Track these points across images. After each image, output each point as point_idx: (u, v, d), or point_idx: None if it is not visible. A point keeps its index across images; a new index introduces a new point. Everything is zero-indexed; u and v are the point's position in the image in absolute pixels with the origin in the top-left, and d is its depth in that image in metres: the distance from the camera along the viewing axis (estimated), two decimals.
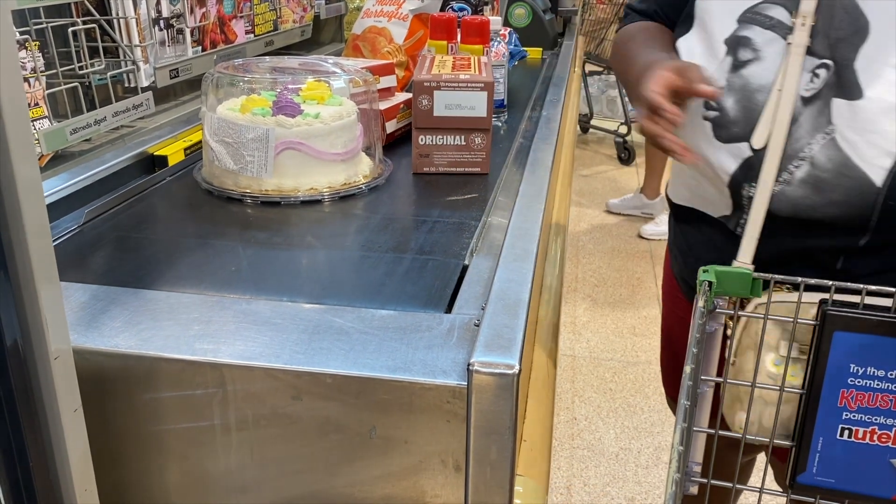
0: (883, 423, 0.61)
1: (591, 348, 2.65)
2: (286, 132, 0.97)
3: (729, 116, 0.81)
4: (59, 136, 1.04)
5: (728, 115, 0.81)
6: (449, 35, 1.39)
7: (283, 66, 1.16)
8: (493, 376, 0.58)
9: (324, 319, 0.68)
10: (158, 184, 1.09)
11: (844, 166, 0.74)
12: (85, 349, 0.64)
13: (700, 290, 0.61)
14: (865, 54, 0.74)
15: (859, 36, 0.74)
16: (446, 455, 0.62)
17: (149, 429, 0.65)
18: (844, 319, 0.60)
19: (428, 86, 1.09)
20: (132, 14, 1.21)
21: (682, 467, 0.50)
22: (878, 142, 0.72)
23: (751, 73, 0.80)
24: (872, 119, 0.72)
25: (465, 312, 0.71)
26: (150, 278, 0.78)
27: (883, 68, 0.73)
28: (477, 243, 0.88)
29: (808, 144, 0.76)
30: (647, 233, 3.61)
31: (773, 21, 0.79)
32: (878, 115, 0.72)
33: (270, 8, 1.72)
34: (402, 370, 0.61)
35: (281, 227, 0.93)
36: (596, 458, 2.10)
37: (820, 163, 0.75)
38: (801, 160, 0.76)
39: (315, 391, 0.62)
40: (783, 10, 0.79)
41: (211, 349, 0.64)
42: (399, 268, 0.81)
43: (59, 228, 0.90)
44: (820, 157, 0.75)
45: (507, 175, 1.13)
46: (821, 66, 0.76)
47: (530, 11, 2.26)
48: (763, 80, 0.79)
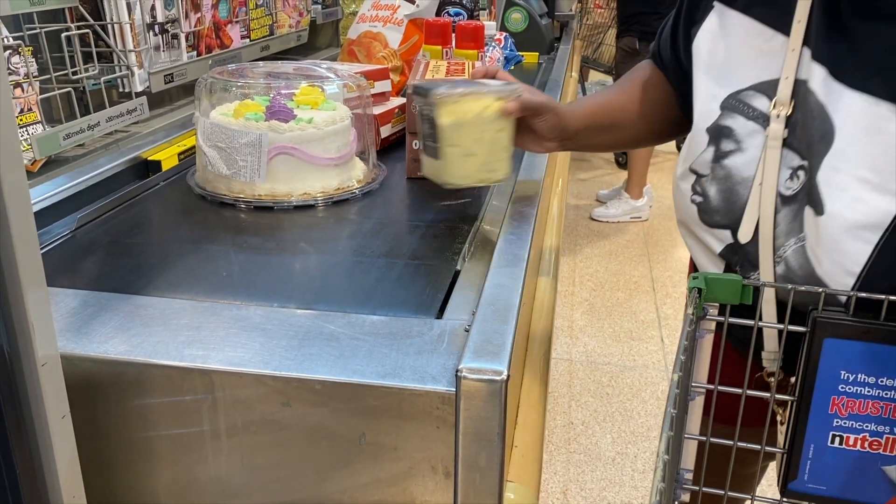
0: (874, 429, 0.61)
1: (588, 352, 2.65)
2: (279, 137, 0.97)
3: (712, 205, 0.81)
4: (53, 141, 1.04)
5: (711, 203, 0.81)
6: (443, 40, 1.39)
7: (277, 71, 1.16)
8: (482, 382, 0.58)
9: (314, 325, 0.68)
10: (152, 189, 1.09)
11: (812, 277, 0.71)
12: (74, 355, 0.63)
13: (690, 296, 0.61)
14: (829, 164, 0.70)
15: (825, 143, 0.70)
16: (436, 461, 0.62)
17: (138, 435, 0.65)
18: (834, 326, 0.60)
19: None
20: (126, 19, 1.22)
21: (669, 477, 0.50)
22: (840, 260, 0.68)
23: (733, 164, 0.78)
24: (834, 237, 0.68)
25: (457, 318, 0.71)
26: (142, 284, 0.78)
27: (846, 181, 0.68)
28: (469, 249, 0.88)
29: (784, 245, 0.74)
30: (598, 215, 3.80)
31: (756, 112, 0.77)
32: (839, 234, 0.68)
33: (266, 13, 1.72)
34: (391, 376, 0.61)
35: (274, 232, 0.93)
36: (592, 463, 2.10)
37: (793, 267, 0.74)
38: (780, 258, 0.75)
39: (305, 397, 0.62)
40: (766, 99, 0.76)
41: (201, 355, 0.63)
42: (391, 273, 0.81)
43: (52, 233, 0.90)
44: (792, 261, 0.74)
45: None
46: (800, 168, 0.73)
47: (527, 16, 2.26)
48: (745, 172, 0.77)
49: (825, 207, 0.69)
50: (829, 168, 0.69)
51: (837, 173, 0.68)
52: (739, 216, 0.77)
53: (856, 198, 0.67)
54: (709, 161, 0.80)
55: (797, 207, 0.72)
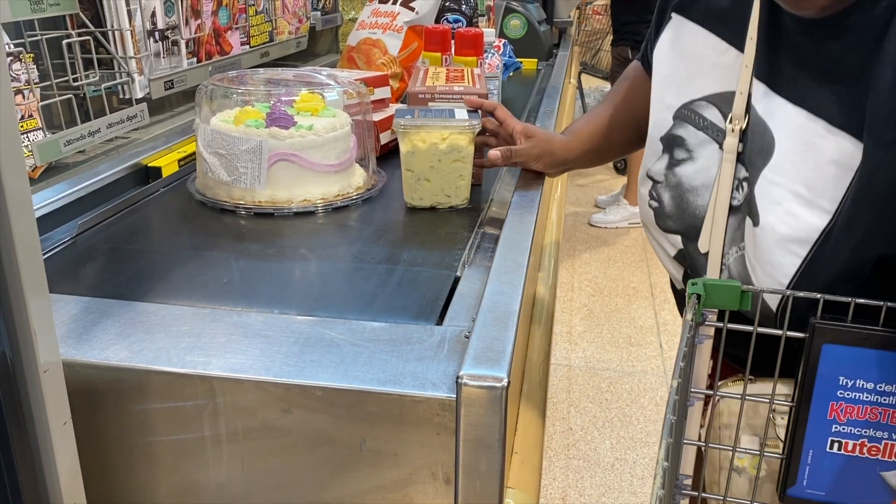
0: (872, 435, 0.61)
1: (587, 358, 2.65)
2: (279, 144, 0.98)
3: (666, 210, 0.84)
4: (53, 148, 1.04)
5: (665, 209, 0.84)
6: (443, 47, 1.40)
7: (278, 78, 1.16)
8: (483, 389, 0.58)
9: (315, 332, 0.69)
10: (152, 195, 1.09)
11: (750, 284, 0.72)
12: (76, 362, 0.64)
13: (689, 302, 0.61)
14: (766, 177, 0.71)
15: (764, 156, 0.72)
16: (436, 468, 0.62)
17: (139, 441, 0.65)
18: (833, 332, 0.60)
19: (422, 97, 1.10)
20: (127, 26, 1.22)
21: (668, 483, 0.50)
22: (771, 272, 0.70)
23: (684, 172, 0.81)
24: (767, 248, 0.70)
25: (457, 324, 0.71)
26: (143, 290, 0.78)
27: (781, 195, 0.70)
28: (469, 255, 0.88)
29: (727, 254, 0.76)
30: (596, 221, 3.82)
31: (707, 122, 0.79)
32: (771, 245, 0.70)
33: (266, 19, 1.73)
34: (392, 383, 0.61)
35: (274, 238, 0.93)
36: (591, 469, 2.10)
37: (734, 274, 0.76)
38: (724, 265, 0.77)
39: (305, 404, 0.62)
40: (717, 111, 0.78)
41: (201, 362, 0.64)
42: (391, 279, 0.81)
43: (53, 240, 0.90)
44: (734, 269, 0.76)
45: (500, 186, 1.13)
46: (745, 179, 0.75)
47: (525, 22, 2.27)
48: (696, 181, 0.80)
49: (760, 219, 0.71)
50: (766, 181, 0.71)
51: (773, 186, 0.70)
52: (690, 223, 0.80)
53: (788, 212, 0.69)
54: (663, 169, 0.83)
55: (740, 218, 0.74)
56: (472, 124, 0.99)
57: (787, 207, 0.69)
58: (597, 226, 3.80)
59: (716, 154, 0.77)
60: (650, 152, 0.86)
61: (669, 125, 0.83)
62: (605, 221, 3.80)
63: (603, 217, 3.81)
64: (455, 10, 1.89)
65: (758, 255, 0.72)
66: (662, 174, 0.83)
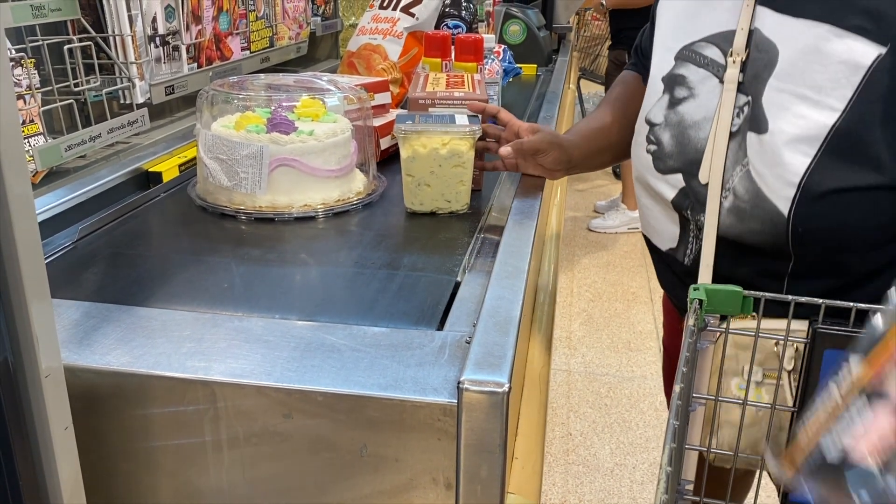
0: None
1: (587, 363, 2.65)
2: (280, 149, 0.98)
3: (665, 150, 0.86)
4: (54, 153, 1.05)
5: (665, 149, 0.86)
6: (443, 52, 1.40)
7: (278, 84, 1.17)
8: (484, 394, 0.58)
9: (316, 337, 0.69)
10: (153, 200, 1.09)
11: (757, 197, 0.77)
12: (77, 366, 0.64)
13: (690, 308, 0.62)
14: (773, 86, 0.76)
15: (769, 69, 0.77)
16: (437, 473, 0.62)
17: (140, 446, 0.65)
18: (834, 338, 0.60)
19: (423, 103, 1.10)
20: (128, 31, 1.22)
21: (671, 488, 0.50)
22: (782, 173, 0.74)
23: (686, 109, 0.84)
24: (776, 151, 0.74)
25: (457, 329, 0.71)
26: (144, 295, 0.78)
27: (789, 100, 0.74)
28: (469, 260, 0.88)
29: (731, 176, 0.80)
30: (595, 226, 3.83)
31: (707, 59, 0.83)
32: (780, 148, 0.74)
33: (266, 25, 1.73)
34: (393, 388, 0.61)
35: (274, 243, 0.93)
36: (591, 474, 2.09)
37: (740, 193, 0.79)
38: (727, 191, 0.80)
39: (306, 409, 0.62)
40: (717, 49, 0.82)
41: (202, 367, 0.64)
42: (392, 284, 0.81)
43: (53, 245, 0.91)
44: (739, 188, 0.79)
45: (500, 191, 1.13)
46: (745, 105, 0.79)
47: (525, 28, 2.27)
48: (697, 116, 0.83)
49: (769, 125, 0.76)
50: (773, 90, 0.76)
51: (780, 93, 0.75)
52: (691, 159, 0.83)
53: (796, 114, 0.74)
54: (663, 109, 0.87)
55: (740, 139, 0.79)
56: (473, 130, 0.99)
57: (795, 110, 0.74)
58: (596, 231, 3.81)
59: (716, 88, 0.81)
60: (649, 97, 0.89)
61: (671, 66, 0.86)
62: (605, 227, 3.80)
63: (602, 222, 3.82)
64: (455, 15, 1.89)
65: (766, 162, 0.75)
66: (662, 116, 0.87)
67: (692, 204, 0.84)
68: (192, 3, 1.39)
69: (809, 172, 0.73)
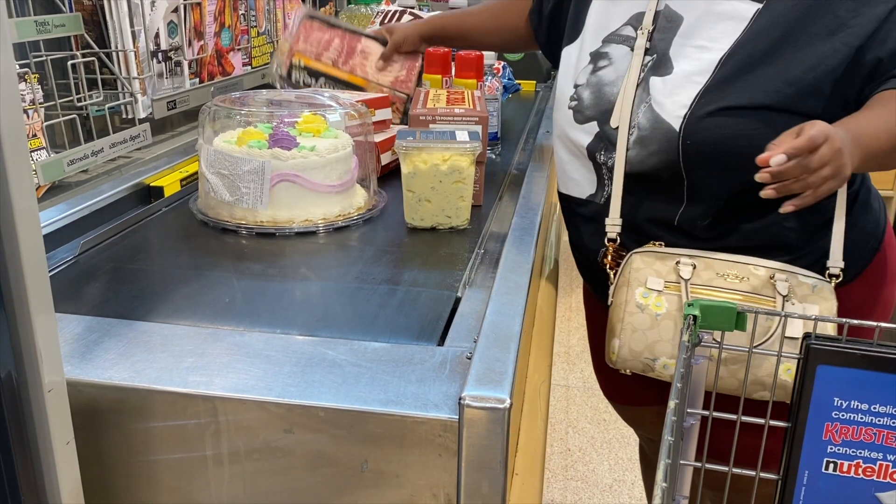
0: (867, 456, 0.62)
1: (585, 378, 2.65)
2: (282, 164, 0.99)
3: (584, 104, 1.06)
4: (57, 167, 1.05)
5: (584, 103, 1.06)
6: (444, 69, 1.41)
7: (280, 99, 1.18)
8: (485, 410, 0.58)
9: (317, 352, 0.69)
10: (154, 215, 1.10)
11: (656, 121, 0.96)
12: (78, 381, 0.64)
13: (685, 324, 0.62)
14: (676, 42, 0.98)
15: (673, 30, 0.99)
16: (438, 489, 0.62)
17: (141, 461, 0.66)
18: (828, 353, 0.60)
19: (423, 119, 1.11)
20: (131, 47, 1.23)
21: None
22: (678, 99, 0.95)
23: (603, 73, 1.05)
24: (677, 84, 0.96)
25: (458, 345, 0.71)
26: (145, 309, 0.78)
27: (689, 50, 0.97)
28: (470, 275, 0.88)
29: (636, 114, 0.99)
30: None
31: (624, 37, 1.05)
32: (681, 81, 0.96)
33: (268, 41, 1.75)
34: (393, 403, 0.61)
35: (275, 258, 0.94)
36: (590, 490, 2.09)
37: (642, 125, 0.98)
38: (633, 128, 0.99)
39: (307, 424, 0.62)
40: (632, 28, 1.04)
41: (203, 381, 0.64)
42: (392, 300, 0.82)
43: (55, 259, 0.91)
44: (643, 120, 0.98)
45: (501, 206, 1.14)
46: (650, 61, 1.00)
47: None
48: (611, 76, 1.04)
49: (674, 69, 0.97)
50: (677, 45, 0.98)
51: (683, 47, 0.98)
52: (605, 109, 1.03)
53: (694, 58, 0.96)
54: (587, 74, 1.07)
55: (644, 85, 0.99)
56: (474, 146, 1.00)
57: (695, 56, 0.96)
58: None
59: (627, 55, 1.03)
60: (578, 65, 1.09)
61: (598, 46, 1.08)
62: None
63: None
64: None
65: (666, 94, 0.97)
66: (585, 78, 1.07)
67: (605, 146, 1.03)
68: (194, 19, 1.40)
69: (699, 95, 0.94)
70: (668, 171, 0.97)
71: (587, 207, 1.10)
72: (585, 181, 1.09)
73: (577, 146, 1.08)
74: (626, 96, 0.99)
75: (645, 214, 1.03)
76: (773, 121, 0.90)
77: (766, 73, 0.92)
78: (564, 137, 1.10)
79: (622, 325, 0.97)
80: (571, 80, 1.10)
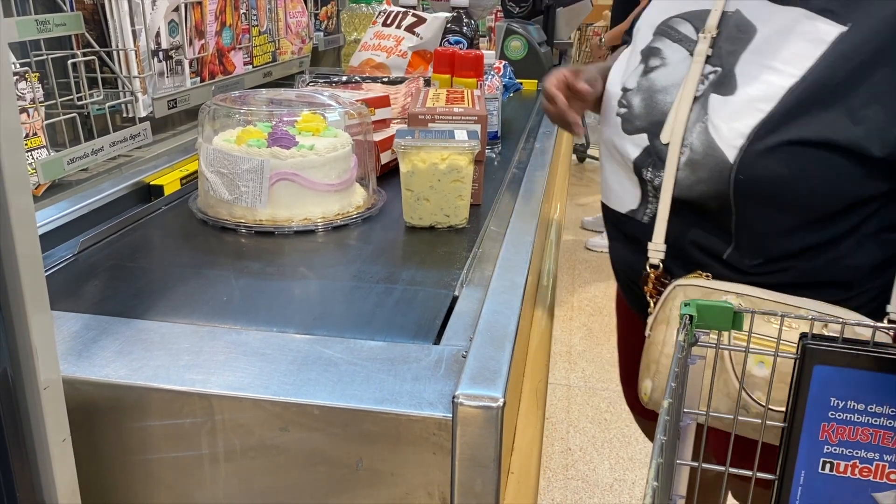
0: (864, 456, 0.62)
1: (587, 378, 2.65)
2: (281, 163, 0.99)
3: (634, 112, 0.96)
4: (57, 166, 1.06)
5: (634, 111, 0.96)
6: (452, 68, 1.42)
7: (280, 98, 1.18)
8: (478, 409, 0.58)
9: (313, 350, 0.69)
10: (154, 213, 1.10)
11: (710, 147, 0.86)
12: (75, 379, 0.64)
13: (681, 324, 0.62)
14: (745, 59, 0.87)
15: (743, 44, 0.88)
16: (432, 487, 0.62)
17: (137, 459, 0.66)
18: (824, 353, 0.60)
19: (423, 118, 1.11)
20: (132, 46, 1.24)
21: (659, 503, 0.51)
22: (736, 126, 0.84)
23: (656, 76, 0.94)
24: (738, 110, 0.85)
25: (454, 344, 0.71)
26: (143, 308, 0.79)
27: (758, 69, 0.85)
28: (467, 275, 0.89)
29: (690, 133, 0.88)
30: (593, 245, 3.80)
31: (681, 35, 0.93)
32: (743, 105, 0.85)
33: (269, 40, 1.75)
34: (388, 402, 0.61)
35: (274, 257, 0.94)
36: (590, 489, 2.09)
37: (695, 147, 0.88)
38: (685, 147, 0.88)
39: (303, 422, 0.62)
40: (690, 25, 0.93)
41: (200, 379, 0.64)
42: (389, 298, 0.82)
43: (54, 257, 0.91)
44: (696, 142, 0.88)
45: (499, 206, 1.14)
46: (712, 73, 0.89)
47: (526, 44, 2.29)
48: (665, 82, 0.93)
49: (738, 89, 0.86)
50: (746, 62, 0.87)
51: (751, 64, 0.86)
52: (656, 120, 0.92)
53: (763, 80, 0.84)
54: (637, 76, 0.97)
55: (703, 101, 0.89)
56: (472, 145, 1.00)
57: (763, 78, 0.85)
58: (593, 250, 3.79)
59: (686, 60, 0.92)
60: (629, 66, 0.99)
61: (650, 40, 0.98)
62: (602, 246, 3.79)
63: (600, 241, 3.80)
64: (456, 31, 1.91)
65: (724, 117, 0.86)
66: (636, 81, 0.97)
67: (653, 162, 0.92)
68: (195, 18, 1.40)
69: (760, 125, 0.83)
70: (716, 202, 0.88)
71: (628, 224, 1.00)
72: (627, 195, 0.99)
73: (623, 157, 0.97)
74: (681, 111, 0.89)
75: (692, 240, 0.93)
76: (836, 163, 0.81)
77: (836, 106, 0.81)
78: (611, 146, 1.00)
79: (657, 366, 0.88)
80: (620, 82, 1.00)
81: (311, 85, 1.47)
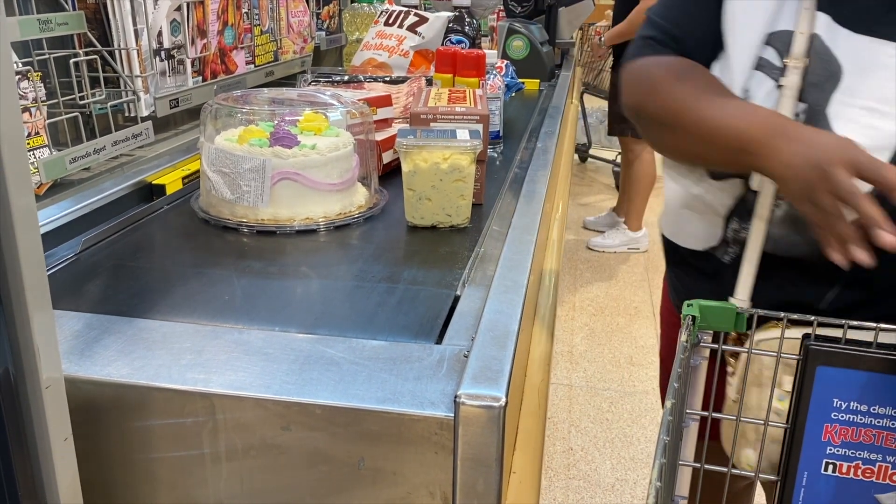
0: (867, 457, 0.62)
1: (588, 378, 2.65)
2: (283, 163, 0.99)
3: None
4: (59, 165, 1.06)
5: None
6: (454, 68, 1.42)
7: (282, 98, 1.18)
8: (480, 408, 0.58)
9: (315, 349, 0.69)
10: (156, 213, 1.10)
11: None
12: (77, 378, 0.64)
13: (684, 324, 0.62)
14: (838, 100, 0.75)
15: (832, 82, 0.75)
16: (434, 487, 0.62)
17: (139, 458, 0.66)
18: (827, 354, 0.60)
19: (424, 118, 1.11)
20: (134, 45, 1.24)
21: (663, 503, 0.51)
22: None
23: None
24: None
25: (456, 343, 0.71)
26: (145, 307, 0.79)
27: (857, 113, 0.74)
28: (469, 274, 0.88)
29: None
30: (595, 245, 3.77)
31: (763, 61, 0.79)
32: None
33: (271, 39, 1.75)
34: (390, 401, 0.61)
35: (276, 256, 0.94)
36: (591, 490, 2.09)
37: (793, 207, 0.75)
38: (780, 198, 0.76)
39: (304, 422, 0.62)
40: (773, 50, 0.79)
41: (202, 379, 0.64)
42: (391, 298, 0.82)
43: (57, 256, 0.91)
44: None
45: (501, 205, 1.14)
46: (801, 112, 0.76)
47: (528, 43, 2.29)
48: None
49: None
50: (839, 103, 0.75)
51: (847, 107, 0.74)
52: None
53: (866, 125, 0.73)
54: None
55: None
56: (474, 144, 1.00)
57: (865, 122, 0.73)
58: (594, 249, 3.78)
59: (773, 92, 0.77)
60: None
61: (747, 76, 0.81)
62: (604, 245, 3.78)
63: (601, 241, 3.78)
64: (458, 31, 1.91)
65: None
66: None
67: (743, 215, 0.81)
68: (197, 18, 1.40)
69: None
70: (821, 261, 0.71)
71: (704, 261, 0.89)
72: (704, 235, 0.88)
73: (709, 207, 0.85)
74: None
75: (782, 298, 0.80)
76: None
77: None
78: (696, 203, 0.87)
79: (757, 434, 0.74)
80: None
81: (313, 84, 1.47)
